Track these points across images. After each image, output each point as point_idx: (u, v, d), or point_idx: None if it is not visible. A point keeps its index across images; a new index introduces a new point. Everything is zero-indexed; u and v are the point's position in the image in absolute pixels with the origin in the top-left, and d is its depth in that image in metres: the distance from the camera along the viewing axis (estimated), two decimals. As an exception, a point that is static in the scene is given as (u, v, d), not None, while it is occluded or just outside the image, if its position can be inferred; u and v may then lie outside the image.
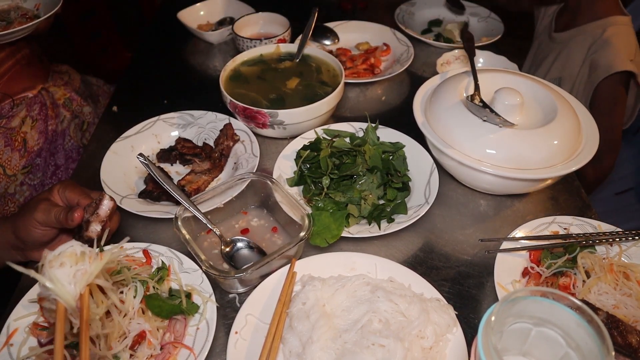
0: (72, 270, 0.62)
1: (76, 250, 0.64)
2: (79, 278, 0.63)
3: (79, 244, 0.65)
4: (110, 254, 0.67)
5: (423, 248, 1.02)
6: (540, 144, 0.97)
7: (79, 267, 0.63)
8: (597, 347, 0.51)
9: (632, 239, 0.93)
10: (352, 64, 1.55)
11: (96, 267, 0.65)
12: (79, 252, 0.64)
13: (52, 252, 0.63)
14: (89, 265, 0.64)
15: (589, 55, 1.55)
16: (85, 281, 0.63)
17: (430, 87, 1.19)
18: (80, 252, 0.64)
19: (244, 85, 1.31)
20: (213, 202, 1.00)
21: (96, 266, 0.65)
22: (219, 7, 1.81)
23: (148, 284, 0.84)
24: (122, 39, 2.89)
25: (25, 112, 1.46)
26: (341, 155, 1.11)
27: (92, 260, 0.64)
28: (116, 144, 1.19)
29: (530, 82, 1.12)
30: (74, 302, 0.62)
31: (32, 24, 1.30)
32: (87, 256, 0.65)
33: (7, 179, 1.40)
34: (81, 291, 0.63)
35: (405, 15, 1.81)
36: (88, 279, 0.64)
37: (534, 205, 1.12)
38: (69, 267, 0.62)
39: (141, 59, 1.72)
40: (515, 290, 0.57)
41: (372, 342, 0.76)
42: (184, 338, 0.82)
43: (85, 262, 0.64)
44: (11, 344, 0.80)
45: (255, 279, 0.91)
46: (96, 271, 0.65)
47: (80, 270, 0.63)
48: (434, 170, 1.11)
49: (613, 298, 0.83)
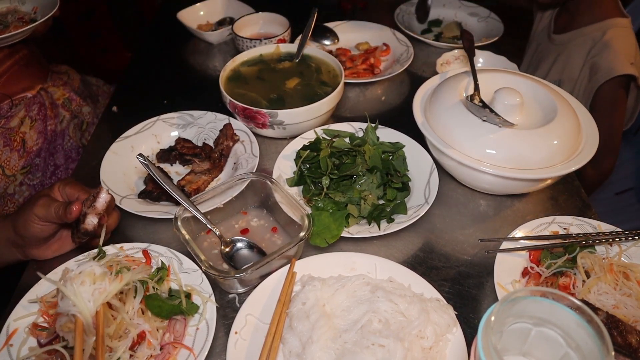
0: (91, 288, 0.69)
1: (95, 270, 0.71)
2: (96, 296, 0.69)
3: (97, 264, 0.72)
4: (130, 276, 0.74)
5: (423, 248, 1.02)
6: (540, 144, 0.97)
7: (97, 286, 0.70)
8: (597, 347, 0.51)
9: (632, 239, 0.93)
10: (352, 64, 1.55)
11: (115, 288, 0.71)
12: (97, 272, 0.71)
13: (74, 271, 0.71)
14: (108, 285, 0.70)
15: (590, 58, 1.55)
16: (103, 299, 0.70)
17: (430, 87, 1.19)
18: (100, 273, 0.71)
19: (243, 86, 1.31)
20: (213, 202, 1.00)
21: (115, 287, 0.71)
22: (218, 7, 1.81)
23: (148, 284, 0.84)
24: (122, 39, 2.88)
25: (24, 112, 1.45)
26: (341, 155, 1.10)
27: (111, 280, 0.71)
28: (116, 144, 1.19)
29: (530, 82, 1.12)
30: (91, 318, 0.68)
31: (29, 28, 1.30)
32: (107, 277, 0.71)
33: (6, 179, 1.40)
34: (97, 309, 0.69)
35: (405, 15, 1.81)
36: (105, 297, 0.70)
37: (534, 205, 1.12)
38: (88, 286, 0.69)
39: (141, 59, 1.72)
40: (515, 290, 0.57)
41: (372, 342, 0.76)
42: (184, 338, 0.82)
43: (104, 282, 0.70)
44: (11, 344, 0.80)
45: (255, 279, 0.91)
46: (114, 291, 0.71)
47: (99, 289, 0.69)
48: (433, 170, 1.11)
49: (613, 298, 0.83)
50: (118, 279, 0.72)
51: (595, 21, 1.57)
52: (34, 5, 1.48)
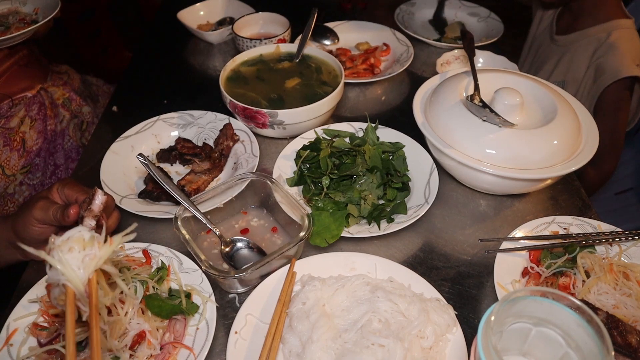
0: (80, 255, 0.62)
1: (84, 236, 0.63)
2: (87, 263, 0.62)
3: (86, 229, 0.65)
4: (120, 239, 0.67)
5: (423, 248, 1.02)
6: (540, 144, 0.97)
7: (87, 252, 0.63)
8: (597, 347, 0.52)
9: (632, 239, 0.93)
10: (352, 64, 1.55)
11: (106, 252, 0.64)
12: (87, 237, 0.64)
13: (60, 237, 0.63)
14: (98, 250, 0.64)
15: (595, 59, 1.54)
16: (94, 266, 0.63)
17: (430, 87, 1.19)
18: (89, 238, 0.63)
19: (243, 85, 1.31)
20: (213, 202, 1.00)
21: (106, 251, 0.64)
22: (219, 7, 1.81)
23: (148, 284, 0.84)
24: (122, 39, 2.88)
25: (24, 112, 1.46)
26: (341, 155, 1.11)
27: (101, 245, 0.64)
28: (116, 143, 1.19)
29: (530, 82, 1.12)
30: (82, 287, 0.62)
31: (30, 29, 1.30)
32: (96, 241, 0.64)
33: (5, 178, 1.40)
34: (89, 276, 0.63)
35: (405, 15, 1.81)
36: (97, 264, 0.63)
37: (534, 205, 1.12)
38: (77, 252, 0.62)
39: (141, 59, 1.72)
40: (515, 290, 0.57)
41: (372, 342, 0.76)
42: (184, 338, 0.82)
43: (93, 247, 0.63)
44: (11, 343, 0.80)
45: (255, 279, 0.91)
46: (105, 256, 0.64)
47: (89, 256, 0.63)
48: (433, 170, 1.11)
49: (613, 298, 0.83)
50: (108, 242, 0.65)
51: (599, 22, 1.56)
52: (35, 6, 1.48)
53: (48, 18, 1.33)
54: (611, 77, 1.47)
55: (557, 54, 1.69)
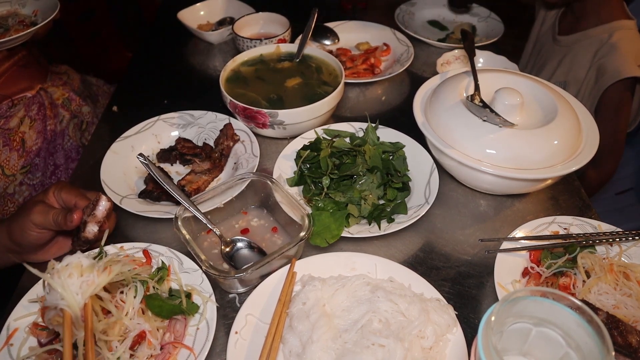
0: (78, 281, 0.66)
1: (82, 262, 0.68)
2: (84, 289, 0.67)
3: (84, 256, 0.69)
4: (119, 267, 0.71)
5: (423, 248, 1.02)
6: (540, 144, 0.97)
7: (85, 279, 0.67)
8: (597, 347, 0.52)
9: (632, 239, 0.93)
10: (352, 64, 1.55)
11: (103, 280, 0.69)
12: (85, 264, 0.68)
13: (60, 263, 0.67)
14: (96, 277, 0.68)
15: (596, 60, 1.54)
16: (91, 292, 0.67)
17: (430, 87, 1.19)
18: (87, 265, 0.68)
19: (243, 85, 1.31)
20: (213, 202, 1.00)
21: (104, 279, 0.69)
22: (219, 7, 1.81)
23: (148, 284, 0.84)
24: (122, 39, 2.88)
25: (24, 112, 1.46)
26: (341, 155, 1.11)
27: (100, 273, 0.68)
28: (116, 144, 1.19)
29: (530, 82, 1.12)
30: (79, 310, 0.65)
31: (29, 32, 1.30)
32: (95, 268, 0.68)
33: (5, 178, 1.40)
34: (86, 301, 0.66)
35: (405, 15, 1.81)
36: (94, 290, 0.67)
37: (534, 205, 1.12)
38: (76, 278, 0.66)
39: (141, 59, 1.72)
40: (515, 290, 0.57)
41: (372, 342, 0.76)
42: (184, 338, 0.82)
43: (92, 274, 0.67)
44: (11, 343, 0.80)
45: (255, 279, 0.91)
46: (103, 284, 0.68)
47: (86, 282, 0.67)
48: (434, 170, 1.11)
49: (613, 298, 0.83)
50: (107, 271, 0.70)
51: (601, 23, 1.56)
52: (34, 8, 1.48)
53: (47, 20, 1.33)
54: (612, 78, 1.47)
55: (559, 55, 1.69)
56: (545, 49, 1.78)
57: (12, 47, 1.34)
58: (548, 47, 1.76)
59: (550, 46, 1.75)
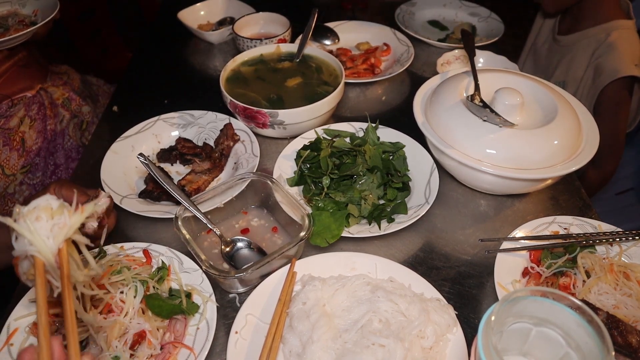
0: (48, 224, 0.58)
1: (51, 204, 0.59)
2: (56, 232, 0.58)
3: (54, 197, 0.60)
4: (91, 207, 0.62)
5: (423, 248, 1.02)
6: (540, 144, 0.97)
7: (56, 221, 0.59)
8: (597, 347, 0.52)
9: (632, 239, 0.93)
10: (353, 64, 1.55)
11: (77, 220, 0.60)
12: (55, 205, 0.59)
13: (26, 206, 0.59)
14: (68, 219, 0.59)
15: (594, 59, 1.55)
16: (64, 235, 0.59)
17: (430, 87, 1.19)
18: (57, 206, 0.59)
19: (244, 85, 1.31)
20: (213, 202, 1.00)
21: (77, 219, 0.60)
22: (219, 7, 1.81)
23: (148, 284, 0.84)
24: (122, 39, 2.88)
25: (24, 111, 1.46)
26: (341, 155, 1.11)
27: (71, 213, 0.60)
28: (116, 143, 1.19)
29: (531, 82, 1.12)
30: (52, 257, 0.58)
31: (29, 31, 1.30)
32: (66, 210, 0.60)
33: (5, 178, 1.40)
34: (59, 246, 0.59)
35: (405, 15, 1.81)
36: (67, 233, 0.59)
37: (534, 205, 1.12)
38: (45, 222, 0.58)
39: (141, 59, 1.72)
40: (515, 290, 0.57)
41: (372, 342, 0.76)
42: (184, 338, 0.82)
43: (62, 216, 0.59)
44: (11, 343, 0.80)
45: (255, 278, 0.91)
46: (76, 225, 0.60)
47: (58, 225, 0.59)
48: (434, 170, 1.11)
49: (613, 298, 0.83)
50: (79, 210, 0.61)
51: (599, 23, 1.57)
52: (34, 8, 1.48)
53: (47, 19, 1.33)
54: (610, 77, 1.47)
55: (559, 55, 1.70)
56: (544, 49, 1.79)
57: (12, 46, 1.34)
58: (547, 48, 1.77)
59: (549, 46, 1.76)
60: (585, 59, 1.58)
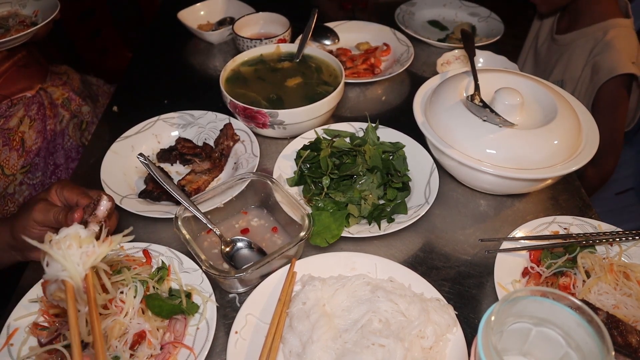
0: (78, 252, 0.64)
1: (80, 233, 0.65)
2: (84, 260, 0.64)
3: (81, 227, 0.66)
4: (119, 239, 0.68)
5: (423, 248, 1.02)
6: (540, 144, 0.97)
7: (85, 250, 0.64)
8: (597, 347, 0.52)
9: (632, 239, 0.93)
10: (352, 64, 1.55)
11: (104, 250, 0.66)
12: (83, 235, 0.65)
13: (58, 235, 0.65)
14: (97, 248, 0.65)
15: (591, 57, 1.55)
16: (91, 263, 0.65)
17: (430, 87, 1.19)
18: (86, 235, 0.65)
19: (244, 85, 1.31)
20: (213, 202, 1.00)
21: (105, 249, 0.66)
22: (219, 7, 1.81)
23: (148, 284, 0.84)
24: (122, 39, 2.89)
25: (23, 111, 1.46)
26: (341, 155, 1.11)
27: (100, 243, 0.66)
28: (116, 143, 1.19)
29: (530, 82, 1.12)
30: (81, 282, 0.63)
31: (30, 32, 1.30)
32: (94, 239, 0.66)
33: (5, 178, 1.40)
34: (87, 272, 0.64)
35: (405, 15, 1.81)
36: (95, 260, 0.65)
37: (534, 205, 1.12)
38: (75, 249, 0.64)
39: (141, 59, 1.72)
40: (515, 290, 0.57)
41: (372, 342, 0.76)
42: (184, 338, 0.82)
43: (90, 245, 0.65)
44: (11, 343, 0.80)
45: (255, 278, 0.91)
46: (104, 254, 0.66)
47: (86, 252, 0.64)
48: (434, 170, 1.11)
49: (613, 298, 0.83)
50: (107, 241, 0.67)
51: (597, 21, 1.57)
52: (34, 8, 1.48)
53: (47, 20, 1.33)
54: (607, 74, 1.47)
55: (557, 54, 1.70)
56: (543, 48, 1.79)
57: (12, 47, 1.34)
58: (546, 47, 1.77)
59: (548, 45, 1.76)
60: (583, 57, 1.58)
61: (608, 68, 1.48)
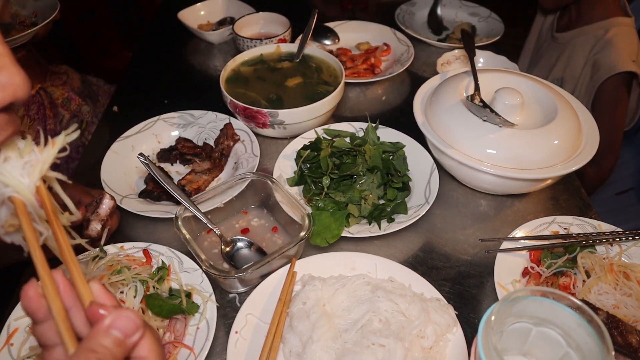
0: (19, 163, 0.54)
1: (17, 144, 0.55)
2: (30, 170, 0.54)
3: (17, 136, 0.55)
4: (62, 139, 0.57)
5: (423, 248, 1.02)
6: (540, 144, 0.97)
7: (27, 159, 0.54)
8: (597, 347, 0.52)
9: (632, 239, 0.93)
10: (353, 64, 1.55)
11: (50, 154, 0.55)
12: (21, 145, 0.55)
13: None
14: (39, 155, 0.55)
15: (592, 55, 1.55)
16: (39, 172, 0.54)
17: (430, 87, 1.19)
18: (25, 145, 0.55)
19: (244, 85, 1.31)
20: (213, 202, 1.00)
21: (49, 153, 0.55)
22: (219, 7, 1.81)
23: (148, 284, 0.84)
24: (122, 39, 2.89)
25: (23, 111, 1.46)
26: (341, 155, 1.11)
27: (41, 149, 0.55)
28: (116, 143, 1.19)
29: (531, 82, 1.12)
30: (32, 195, 0.53)
31: (30, 32, 1.30)
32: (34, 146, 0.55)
33: (6, 178, 1.40)
34: (36, 184, 0.54)
35: (405, 15, 1.81)
36: (42, 169, 0.55)
37: (534, 205, 1.12)
38: (15, 161, 0.54)
39: (141, 59, 1.72)
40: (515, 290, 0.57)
41: (372, 342, 0.76)
42: (184, 338, 0.82)
43: (33, 153, 0.55)
44: (12, 343, 0.80)
45: (255, 278, 0.91)
46: (50, 159, 0.55)
47: (30, 162, 0.54)
48: (434, 170, 1.11)
49: (613, 298, 0.83)
50: (49, 144, 0.56)
51: (597, 20, 1.57)
52: (34, 9, 1.48)
53: (47, 20, 1.33)
54: (607, 72, 1.47)
55: (557, 52, 1.70)
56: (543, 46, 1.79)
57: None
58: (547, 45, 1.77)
59: (548, 44, 1.76)
60: (583, 55, 1.58)
61: (608, 66, 1.48)
